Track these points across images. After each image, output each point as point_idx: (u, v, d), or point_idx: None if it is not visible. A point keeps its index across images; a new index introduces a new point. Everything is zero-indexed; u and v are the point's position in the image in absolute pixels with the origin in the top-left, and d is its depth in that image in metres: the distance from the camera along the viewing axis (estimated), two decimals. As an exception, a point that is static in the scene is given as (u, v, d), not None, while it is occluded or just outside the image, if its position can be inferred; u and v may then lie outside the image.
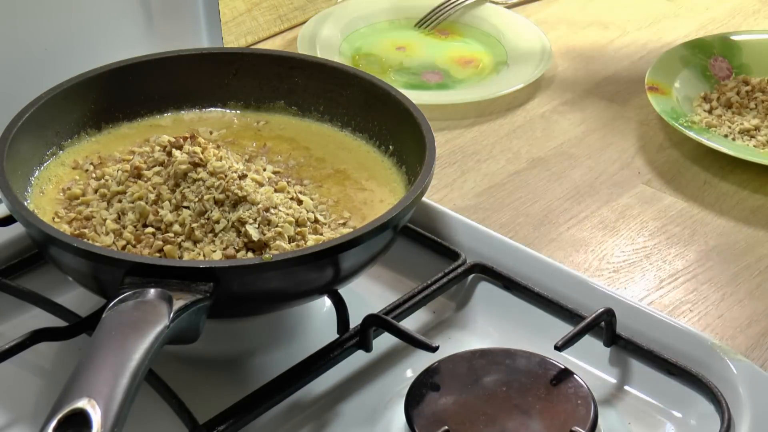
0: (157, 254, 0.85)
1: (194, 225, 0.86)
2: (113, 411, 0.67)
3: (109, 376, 0.69)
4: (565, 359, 0.88)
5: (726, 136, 1.16)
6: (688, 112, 1.18)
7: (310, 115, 1.03)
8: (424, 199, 0.94)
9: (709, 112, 1.20)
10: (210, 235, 0.86)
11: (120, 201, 0.89)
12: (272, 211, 0.87)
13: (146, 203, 0.88)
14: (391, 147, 0.98)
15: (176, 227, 0.86)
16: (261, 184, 0.90)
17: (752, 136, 1.16)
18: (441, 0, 1.40)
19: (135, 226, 0.87)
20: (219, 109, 1.03)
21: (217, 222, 0.86)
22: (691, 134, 1.14)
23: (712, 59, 1.26)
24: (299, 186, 0.94)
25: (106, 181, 0.92)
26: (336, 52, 1.30)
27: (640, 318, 0.90)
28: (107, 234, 0.87)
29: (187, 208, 0.87)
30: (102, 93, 0.99)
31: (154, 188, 0.89)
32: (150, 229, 0.86)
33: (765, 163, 1.11)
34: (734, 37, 1.29)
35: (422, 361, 0.86)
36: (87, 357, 0.70)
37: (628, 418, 0.85)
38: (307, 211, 0.89)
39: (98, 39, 1.08)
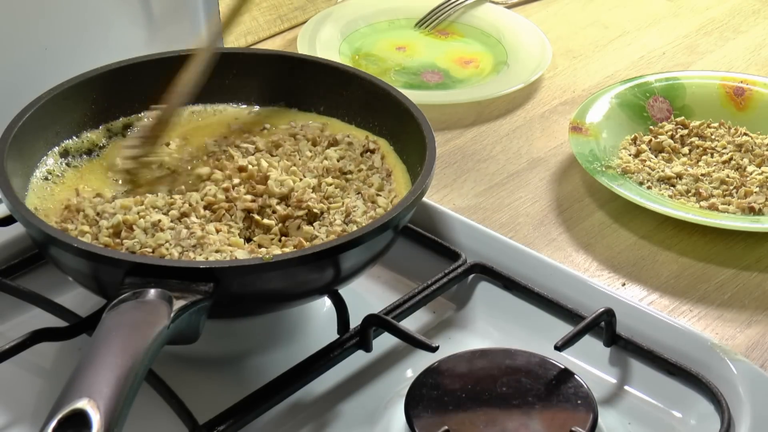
0: None
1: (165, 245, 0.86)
2: (113, 411, 0.67)
3: (109, 376, 0.69)
4: (565, 359, 0.88)
5: (641, 183, 1.08)
6: (611, 156, 1.11)
7: (311, 115, 1.03)
8: (424, 199, 0.94)
9: (635, 156, 1.12)
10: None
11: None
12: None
13: (122, 217, 0.88)
14: (391, 147, 0.98)
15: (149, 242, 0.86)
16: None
17: (672, 185, 1.08)
18: (441, 0, 1.40)
19: (108, 231, 0.87)
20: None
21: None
22: (603, 180, 1.06)
23: (651, 99, 1.18)
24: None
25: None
26: (336, 52, 1.30)
27: (640, 318, 0.90)
28: (83, 235, 0.87)
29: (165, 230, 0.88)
30: (102, 93, 0.99)
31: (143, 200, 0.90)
32: (128, 242, 0.86)
33: (666, 213, 1.03)
34: (677, 75, 1.22)
35: (422, 361, 0.86)
36: (87, 357, 0.70)
37: (628, 418, 0.85)
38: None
39: (98, 39, 1.08)
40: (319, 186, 0.93)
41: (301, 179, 0.93)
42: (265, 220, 0.88)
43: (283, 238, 0.88)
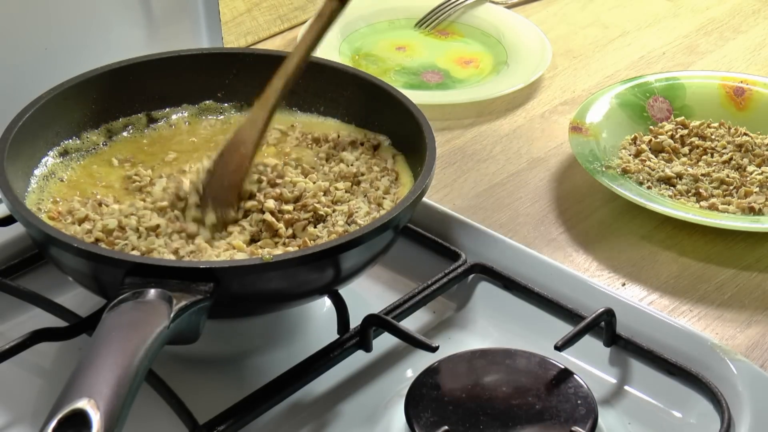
0: None
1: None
2: (113, 411, 0.67)
3: (109, 376, 0.69)
4: (565, 359, 0.88)
5: (641, 183, 1.08)
6: (611, 156, 1.11)
7: (311, 116, 1.02)
8: (424, 199, 0.94)
9: (635, 156, 1.12)
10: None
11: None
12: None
13: (119, 218, 0.88)
14: (392, 147, 0.98)
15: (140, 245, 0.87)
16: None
17: (672, 185, 1.08)
18: (441, 0, 1.40)
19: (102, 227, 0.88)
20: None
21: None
22: (603, 180, 1.06)
23: (651, 99, 1.18)
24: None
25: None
26: (336, 52, 1.30)
27: (640, 318, 0.90)
28: (77, 224, 0.87)
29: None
30: (102, 93, 0.99)
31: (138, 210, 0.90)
32: (120, 241, 0.86)
33: (664, 213, 1.04)
34: (677, 75, 1.22)
35: (422, 361, 0.86)
36: (87, 357, 0.70)
37: (628, 418, 0.85)
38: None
39: (98, 39, 1.08)
40: (329, 190, 0.93)
41: (314, 182, 0.93)
42: (279, 224, 0.88)
43: (287, 240, 0.88)
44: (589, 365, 0.90)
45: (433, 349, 0.84)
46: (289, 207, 0.89)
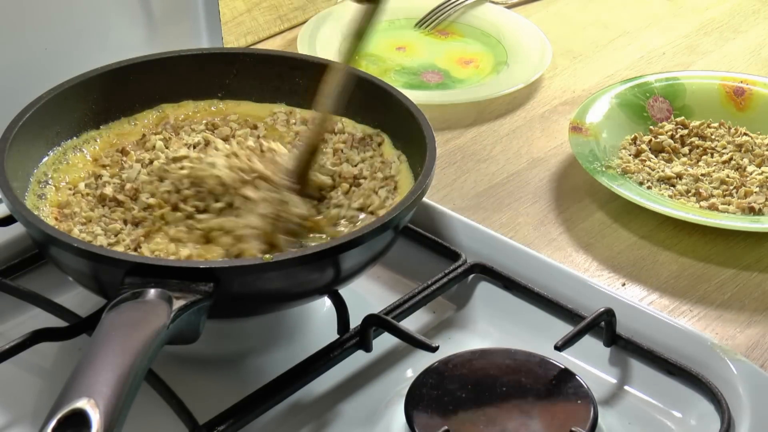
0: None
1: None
2: (113, 411, 0.67)
3: (109, 376, 0.69)
4: (565, 359, 0.88)
5: (641, 183, 1.08)
6: (611, 156, 1.11)
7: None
8: (424, 199, 0.94)
9: (635, 156, 1.12)
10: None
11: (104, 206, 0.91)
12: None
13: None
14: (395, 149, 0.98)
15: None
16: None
17: (672, 185, 1.08)
18: (441, 0, 1.40)
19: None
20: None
21: None
22: (603, 180, 1.06)
23: (651, 99, 1.18)
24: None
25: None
26: (336, 52, 1.30)
27: (640, 318, 0.90)
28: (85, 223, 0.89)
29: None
30: (102, 93, 0.99)
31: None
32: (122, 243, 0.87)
33: (661, 212, 1.04)
34: (677, 75, 1.22)
35: (422, 361, 0.86)
36: (87, 357, 0.70)
37: (628, 418, 0.85)
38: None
39: (98, 39, 1.08)
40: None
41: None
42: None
43: None
44: (589, 365, 0.90)
45: (433, 349, 0.84)
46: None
